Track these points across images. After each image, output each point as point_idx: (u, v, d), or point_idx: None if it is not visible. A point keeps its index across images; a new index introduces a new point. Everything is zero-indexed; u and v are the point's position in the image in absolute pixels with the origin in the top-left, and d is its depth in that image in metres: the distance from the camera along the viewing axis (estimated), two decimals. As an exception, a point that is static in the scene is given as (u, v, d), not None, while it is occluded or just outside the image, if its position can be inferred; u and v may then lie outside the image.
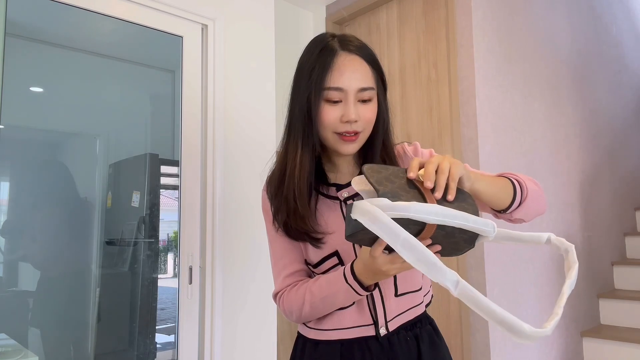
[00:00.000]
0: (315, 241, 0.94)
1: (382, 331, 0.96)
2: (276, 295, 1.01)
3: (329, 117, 0.90)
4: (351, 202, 0.71)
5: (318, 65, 0.90)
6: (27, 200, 1.98)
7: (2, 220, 1.93)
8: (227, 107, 2.17)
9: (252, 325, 2.17)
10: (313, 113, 0.90)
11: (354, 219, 0.69)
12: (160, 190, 2.22)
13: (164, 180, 2.25)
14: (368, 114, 0.92)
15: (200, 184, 2.10)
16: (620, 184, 3.51)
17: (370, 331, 0.95)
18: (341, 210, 0.97)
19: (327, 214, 0.97)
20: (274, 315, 2.24)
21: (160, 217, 2.20)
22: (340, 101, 0.90)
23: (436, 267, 0.62)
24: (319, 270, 0.97)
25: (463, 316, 2.18)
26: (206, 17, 2.15)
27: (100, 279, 2.14)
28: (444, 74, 2.36)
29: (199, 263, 2.06)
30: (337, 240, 0.95)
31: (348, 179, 1.01)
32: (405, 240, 0.62)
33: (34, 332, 1.93)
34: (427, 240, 0.74)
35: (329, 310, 0.94)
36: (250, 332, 2.16)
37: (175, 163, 2.11)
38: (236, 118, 2.20)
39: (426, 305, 1.05)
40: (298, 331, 1.06)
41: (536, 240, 0.78)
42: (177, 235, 2.06)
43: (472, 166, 2.20)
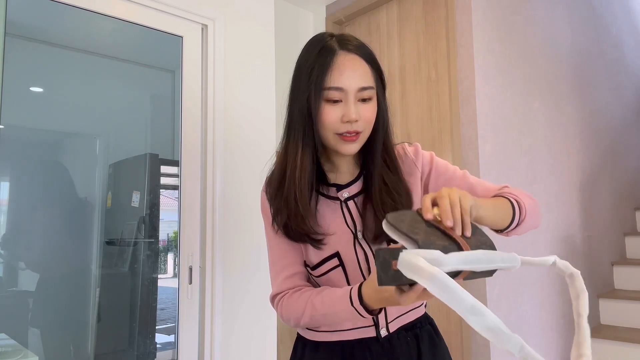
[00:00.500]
0: (316, 242, 0.94)
1: (383, 332, 0.96)
2: (274, 297, 0.99)
3: (329, 117, 0.90)
4: (380, 249, 0.68)
5: (317, 65, 0.90)
6: (27, 200, 1.98)
7: (2, 220, 1.93)
8: (227, 107, 2.17)
9: (252, 325, 2.17)
10: (313, 113, 0.90)
11: (395, 269, 0.62)
12: (160, 190, 2.22)
13: (164, 180, 2.25)
14: (368, 114, 0.92)
15: (200, 184, 2.10)
16: (620, 184, 3.51)
17: (371, 332, 0.95)
18: (341, 210, 0.97)
19: (328, 214, 0.97)
20: (274, 315, 2.24)
21: (160, 217, 2.20)
22: (340, 101, 0.90)
23: (504, 334, 0.58)
24: (319, 271, 0.97)
25: (463, 316, 2.18)
26: (206, 17, 2.15)
27: (100, 279, 2.14)
28: (444, 74, 2.36)
29: (199, 263, 2.06)
30: (337, 241, 0.95)
31: (348, 179, 1.00)
32: (473, 307, 0.57)
33: (33, 332, 1.93)
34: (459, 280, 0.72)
35: (329, 325, 0.94)
36: (250, 332, 2.16)
37: (175, 163, 2.11)
38: (236, 118, 2.20)
39: (425, 304, 1.05)
40: (297, 333, 1.06)
41: (543, 264, 0.78)
42: (177, 235, 2.06)
43: (472, 166, 2.22)
